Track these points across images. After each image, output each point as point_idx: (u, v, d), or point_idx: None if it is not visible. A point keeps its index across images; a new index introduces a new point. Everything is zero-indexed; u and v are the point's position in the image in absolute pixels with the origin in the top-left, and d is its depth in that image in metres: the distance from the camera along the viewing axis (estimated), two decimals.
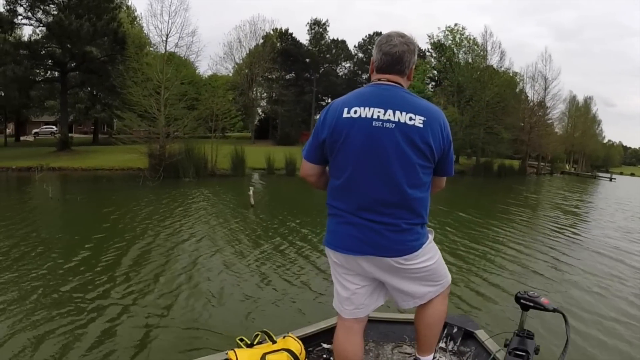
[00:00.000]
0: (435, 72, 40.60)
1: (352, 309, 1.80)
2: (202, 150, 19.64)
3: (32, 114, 37.12)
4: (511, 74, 37.60)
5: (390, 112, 1.56)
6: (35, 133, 39.78)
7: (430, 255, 1.75)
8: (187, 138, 20.02)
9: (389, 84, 1.64)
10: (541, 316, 4.04)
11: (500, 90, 33.04)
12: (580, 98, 51.05)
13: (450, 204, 13.25)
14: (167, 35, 20.32)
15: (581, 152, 51.18)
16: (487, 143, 33.32)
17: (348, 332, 1.82)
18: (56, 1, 23.23)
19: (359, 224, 1.64)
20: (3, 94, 27.00)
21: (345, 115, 1.60)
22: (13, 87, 23.54)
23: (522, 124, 36.07)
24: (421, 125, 1.55)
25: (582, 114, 49.02)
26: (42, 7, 22.83)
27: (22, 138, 37.53)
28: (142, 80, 18.67)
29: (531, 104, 37.42)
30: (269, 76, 44.30)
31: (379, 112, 1.57)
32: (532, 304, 1.81)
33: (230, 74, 42.37)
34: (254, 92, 41.75)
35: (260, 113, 47.89)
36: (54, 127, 39.23)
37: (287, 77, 46.54)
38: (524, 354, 1.77)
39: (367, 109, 1.58)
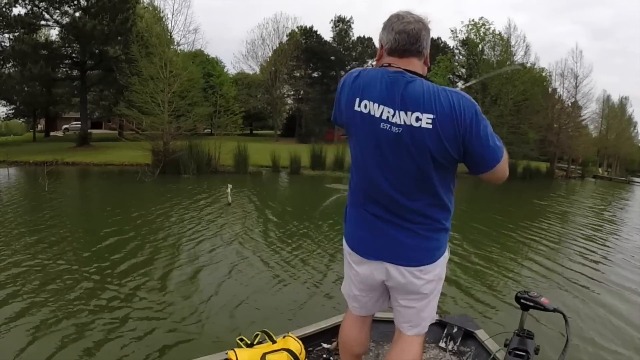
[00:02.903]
0: (463, 70, 39.43)
1: (358, 307, 1.81)
2: (205, 147, 19.73)
3: (60, 111, 38.53)
4: (538, 70, 35.93)
5: (399, 113, 1.41)
6: (65, 129, 41.40)
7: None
8: (191, 135, 20.18)
9: (404, 71, 1.45)
10: (541, 316, 4.10)
11: (527, 87, 31.54)
12: (616, 98, 48.53)
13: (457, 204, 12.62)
14: (171, 33, 20.42)
15: (615, 156, 48.46)
16: (511, 143, 31.70)
17: (354, 322, 1.84)
18: (74, 2, 23.96)
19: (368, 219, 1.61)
20: (26, 92, 28.05)
21: (356, 107, 1.49)
22: (33, 85, 24.43)
23: (553, 124, 34.38)
24: (430, 126, 1.38)
25: (616, 115, 46.26)
26: (59, 9, 23.59)
27: (52, 134, 39.12)
28: (145, 78, 18.90)
29: (559, 103, 35.61)
30: (295, 74, 44.25)
31: (388, 112, 1.43)
32: (532, 304, 1.81)
33: (256, 72, 42.69)
34: (279, 91, 41.74)
35: (287, 111, 47.87)
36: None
37: (314, 75, 46.33)
38: (524, 353, 1.77)
39: (376, 105, 1.45)
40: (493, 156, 1.44)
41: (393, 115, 1.42)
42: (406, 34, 1.44)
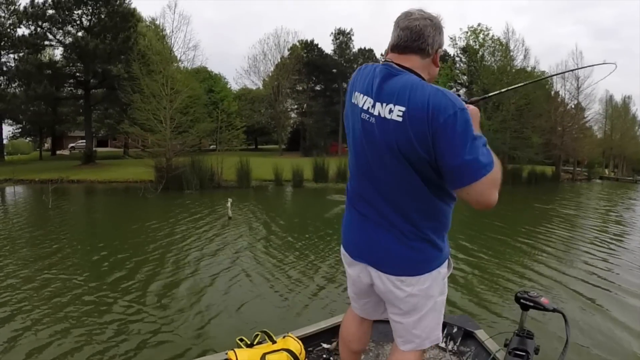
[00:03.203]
0: (465, 77, 39.46)
1: (358, 308, 1.79)
2: (208, 162, 19.86)
3: (66, 129, 38.98)
4: (539, 73, 35.80)
5: (376, 104, 1.37)
6: (72, 147, 41.84)
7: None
8: (194, 151, 20.33)
9: (396, 66, 1.39)
10: (541, 316, 4.12)
11: (528, 91, 31.39)
12: (619, 98, 48.13)
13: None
14: (171, 50, 20.66)
15: (621, 156, 48.03)
16: (515, 148, 31.57)
17: (354, 318, 1.83)
18: (77, 22, 24.39)
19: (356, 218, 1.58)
20: (31, 111, 28.49)
21: (353, 99, 1.49)
22: (39, 104, 24.81)
23: (556, 127, 34.16)
24: (399, 119, 1.30)
25: (620, 114, 45.89)
26: (62, 29, 24.02)
27: (58, 152, 39.59)
28: (147, 95, 19.13)
29: (562, 106, 35.44)
30: (297, 88, 44.49)
31: (369, 102, 1.40)
32: (532, 304, 1.79)
33: (259, 87, 43.03)
34: (283, 105, 41.97)
35: (291, 125, 48.02)
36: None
37: (317, 88, 46.53)
38: (524, 354, 1.76)
39: (361, 96, 1.43)
40: (467, 171, 1.25)
41: (373, 106, 1.38)
42: (409, 31, 1.39)
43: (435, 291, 1.51)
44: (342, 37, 47.18)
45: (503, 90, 2.39)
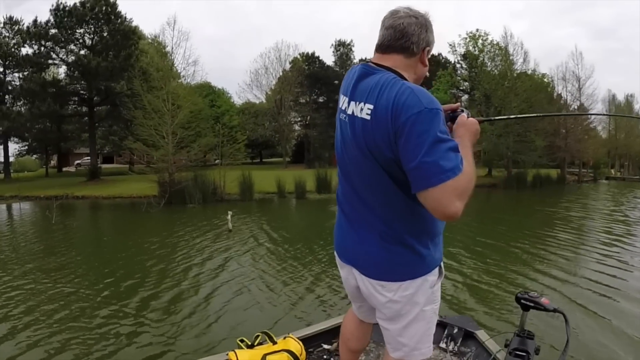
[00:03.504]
0: (466, 83, 39.43)
1: (356, 309, 1.78)
2: (210, 176, 19.97)
3: (72, 146, 39.36)
4: (539, 76, 35.71)
5: (352, 103, 1.37)
6: (78, 164, 42.27)
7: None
8: (198, 165, 20.49)
9: (374, 66, 1.37)
10: (541, 316, 4.00)
11: (530, 94, 31.31)
12: (621, 97, 47.86)
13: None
14: (172, 66, 20.89)
15: (627, 155, 47.59)
16: (518, 152, 31.35)
17: (354, 318, 1.82)
18: (79, 41, 24.76)
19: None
20: (36, 129, 28.86)
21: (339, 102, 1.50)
22: (44, 122, 25.13)
23: (559, 129, 33.97)
24: (367, 117, 1.29)
25: (624, 113, 45.51)
26: (65, 47, 24.40)
27: (64, 169, 39.97)
28: (149, 111, 19.33)
29: (565, 108, 35.23)
30: (300, 100, 44.64)
31: (345, 102, 1.41)
32: (532, 304, 1.79)
33: (262, 101, 43.26)
34: (286, 118, 42.11)
35: (296, 137, 48.13)
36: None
37: (320, 100, 46.66)
38: (524, 354, 1.76)
39: (342, 97, 1.45)
40: (423, 174, 1.18)
41: (348, 106, 1.39)
42: (393, 29, 1.35)
43: (420, 299, 1.44)
44: (343, 48, 47.52)
45: (512, 116, 2.44)
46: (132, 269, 7.32)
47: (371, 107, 1.27)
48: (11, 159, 42.84)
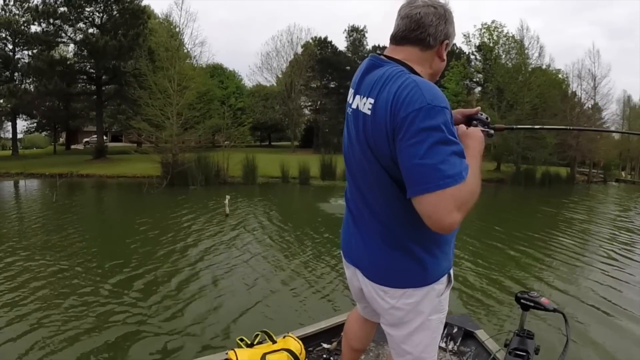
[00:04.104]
0: (480, 75, 38.84)
1: (360, 308, 1.75)
2: (214, 158, 19.92)
3: (80, 124, 39.58)
4: (554, 72, 35.01)
5: (357, 97, 1.30)
6: (86, 142, 42.51)
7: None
8: (206, 147, 20.44)
9: (384, 58, 1.29)
10: (541, 316, 4.12)
11: (543, 90, 30.74)
12: (637, 99, 46.85)
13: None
14: (182, 46, 20.74)
15: (638, 158, 46.68)
16: (528, 148, 30.84)
17: (358, 317, 1.81)
18: (88, 20, 24.71)
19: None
20: (45, 107, 29.00)
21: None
22: (51, 100, 25.22)
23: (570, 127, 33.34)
24: (368, 112, 1.22)
25: (638, 115, 44.37)
26: (73, 26, 24.37)
27: (72, 147, 40.22)
28: (154, 91, 19.27)
29: (579, 106, 34.61)
30: (311, 85, 44.35)
31: (351, 96, 1.34)
32: (532, 304, 1.79)
33: (273, 84, 43.03)
34: (296, 102, 41.87)
35: (305, 122, 47.94)
36: (104, 136, 42.02)
37: (331, 85, 46.31)
38: (524, 354, 1.76)
39: (351, 90, 1.36)
40: (420, 177, 1.08)
41: (353, 100, 1.32)
42: (408, 19, 1.26)
43: (425, 308, 1.36)
44: (356, 34, 46.93)
45: (536, 127, 2.19)
46: (120, 254, 7.16)
47: (372, 101, 1.20)
48: (20, 136, 43.45)
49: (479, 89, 39.92)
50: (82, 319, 4.44)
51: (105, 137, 40.19)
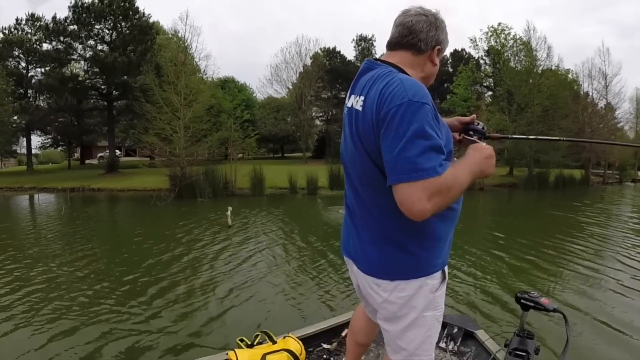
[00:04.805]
0: (490, 80, 38.43)
1: (364, 306, 1.77)
2: (222, 170, 20.04)
3: (94, 140, 40.26)
4: (563, 72, 34.45)
5: (352, 97, 1.39)
6: (100, 157, 43.15)
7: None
8: (214, 159, 20.62)
9: (376, 61, 1.40)
10: (541, 316, 4.12)
11: (553, 91, 30.25)
12: None
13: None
14: (185, 60, 21.03)
15: None
16: (540, 151, 30.25)
17: (364, 313, 1.82)
18: (98, 37, 25.24)
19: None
20: (59, 122, 29.61)
21: None
22: (63, 115, 25.77)
23: (585, 128, 32.72)
24: (360, 109, 1.31)
25: None
26: (83, 43, 24.93)
27: (87, 161, 40.93)
28: (161, 105, 19.54)
29: (591, 106, 33.98)
30: (322, 96, 44.40)
31: (348, 97, 1.44)
32: (532, 304, 1.80)
33: (284, 96, 43.22)
34: (307, 113, 41.93)
35: (317, 132, 47.94)
36: (117, 151, 42.69)
37: (341, 95, 46.22)
38: (524, 354, 1.76)
39: (348, 92, 1.46)
40: (395, 168, 1.16)
41: (349, 100, 1.41)
42: (402, 27, 1.38)
43: (418, 303, 1.39)
44: (364, 43, 46.91)
45: (531, 137, 2.34)
46: (124, 264, 7.25)
47: (363, 98, 1.30)
48: (37, 151, 44.41)
49: (490, 93, 39.51)
50: (81, 319, 4.54)
51: (119, 152, 40.93)
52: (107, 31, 25.76)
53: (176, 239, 9.44)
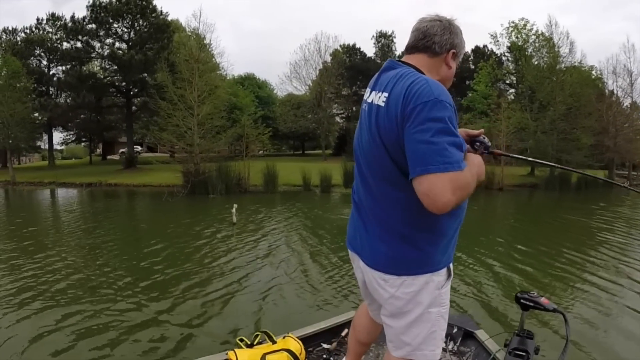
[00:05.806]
0: (513, 77, 37.56)
1: (367, 305, 1.79)
2: (235, 167, 20.12)
3: (115, 135, 41.01)
4: (586, 69, 33.34)
5: (373, 93, 1.44)
6: (122, 152, 43.88)
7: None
8: (222, 157, 20.74)
9: (398, 62, 1.47)
10: (541, 316, 4.08)
11: (576, 89, 29.31)
12: None
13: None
14: (198, 56, 21.12)
15: None
16: (562, 151, 29.37)
17: (367, 312, 1.84)
18: (116, 35, 25.65)
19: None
20: (80, 119, 30.25)
21: None
22: (83, 112, 26.31)
23: (608, 127, 31.66)
24: (383, 104, 1.35)
25: None
26: (102, 42, 25.38)
27: (108, 157, 41.69)
28: (175, 102, 19.70)
29: (616, 105, 32.82)
30: (343, 93, 44.20)
31: (368, 93, 1.49)
32: (532, 304, 1.81)
33: (304, 93, 43.18)
34: (327, 110, 41.74)
35: (338, 130, 47.75)
36: (139, 147, 43.50)
37: (362, 92, 45.76)
38: (524, 354, 1.77)
39: (368, 89, 1.51)
40: (423, 159, 1.18)
41: (369, 95, 1.45)
42: (418, 32, 1.45)
43: (424, 299, 1.41)
44: (384, 40, 46.38)
45: (529, 159, 2.32)
46: (127, 257, 7.39)
47: (387, 94, 1.33)
48: (61, 147, 45.49)
49: (512, 90, 38.63)
50: (79, 319, 4.53)
51: (141, 148, 41.68)
52: (125, 29, 26.17)
53: (177, 236, 9.48)
